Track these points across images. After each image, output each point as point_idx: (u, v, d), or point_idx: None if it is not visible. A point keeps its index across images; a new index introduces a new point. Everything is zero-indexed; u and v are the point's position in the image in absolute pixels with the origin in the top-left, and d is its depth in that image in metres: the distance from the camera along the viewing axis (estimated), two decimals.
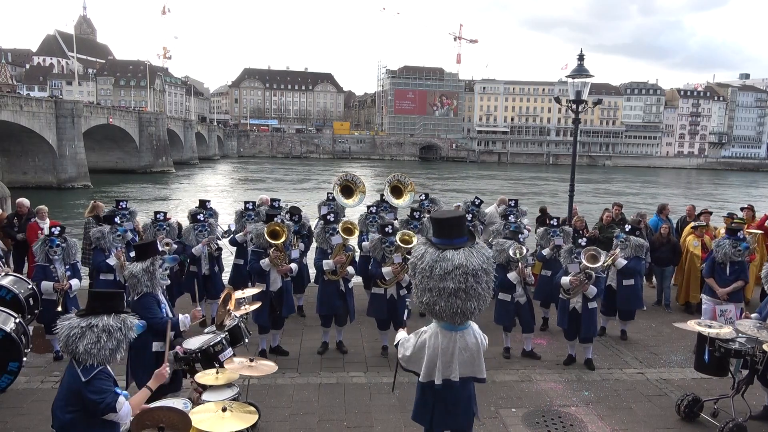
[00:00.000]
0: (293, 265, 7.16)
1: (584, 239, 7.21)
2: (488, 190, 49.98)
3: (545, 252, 8.40)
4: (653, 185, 68.89)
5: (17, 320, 5.38)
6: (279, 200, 9.99)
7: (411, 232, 7.36)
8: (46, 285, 6.65)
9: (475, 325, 3.95)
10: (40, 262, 6.80)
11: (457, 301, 3.63)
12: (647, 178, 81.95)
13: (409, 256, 7.21)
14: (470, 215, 9.41)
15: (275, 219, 7.25)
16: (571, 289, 6.94)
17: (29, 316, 6.48)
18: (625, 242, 7.91)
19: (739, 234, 7.58)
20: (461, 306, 3.65)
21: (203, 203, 9.27)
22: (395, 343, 4.26)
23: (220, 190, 45.47)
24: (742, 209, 10.59)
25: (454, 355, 3.81)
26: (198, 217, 8.36)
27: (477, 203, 9.95)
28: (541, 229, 8.70)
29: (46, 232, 8.47)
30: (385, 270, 7.01)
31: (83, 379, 3.43)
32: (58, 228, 7.03)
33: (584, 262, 6.84)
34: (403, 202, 9.80)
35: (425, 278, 3.69)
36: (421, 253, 3.78)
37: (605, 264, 7.08)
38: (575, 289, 6.91)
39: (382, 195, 10.03)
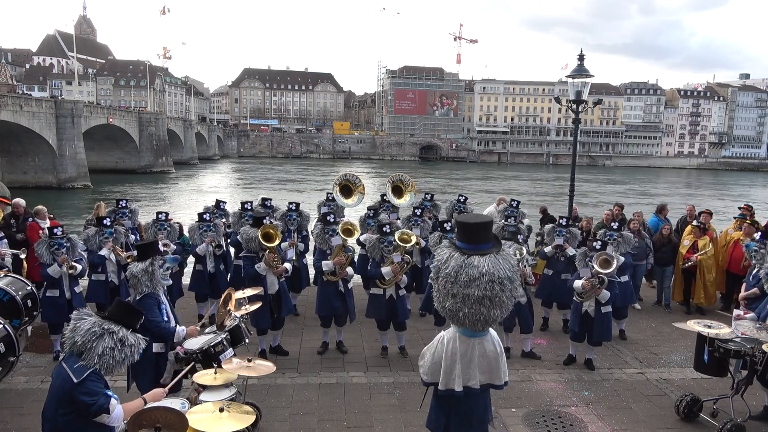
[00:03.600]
0: (287, 265, 7.14)
1: (598, 242, 7.19)
2: (516, 191, 50.18)
3: (547, 249, 8.40)
4: (675, 185, 69.14)
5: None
6: (270, 200, 10.04)
7: (410, 231, 7.35)
8: (54, 269, 6.73)
9: (493, 332, 3.86)
10: (47, 263, 6.80)
11: (481, 308, 3.53)
12: (670, 178, 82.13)
13: (408, 256, 7.25)
14: (456, 213, 9.37)
15: (264, 221, 7.16)
16: (583, 293, 6.93)
17: (27, 318, 6.49)
18: (617, 240, 7.90)
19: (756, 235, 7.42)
20: (485, 314, 3.56)
21: (218, 203, 9.64)
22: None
23: (220, 191, 45.41)
24: (739, 208, 10.61)
25: (473, 361, 3.73)
26: (204, 216, 8.40)
27: (462, 200, 9.94)
28: (548, 226, 8.70)
29: (48, 232, 8.48)
30: (385, 270, 6.99)
31: (75, 380, 3.42)
32: (60, 228, 7.04)
33: (596, 267, 6.82)
34: (404, 202, 9.81)
35: (449, 283, 3.58)
36: (445, 257, 3.65)
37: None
38: (588, 293, 6.89)
39: (383, 195, 10.05)
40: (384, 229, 7.15)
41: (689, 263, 9.44)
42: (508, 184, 60.86)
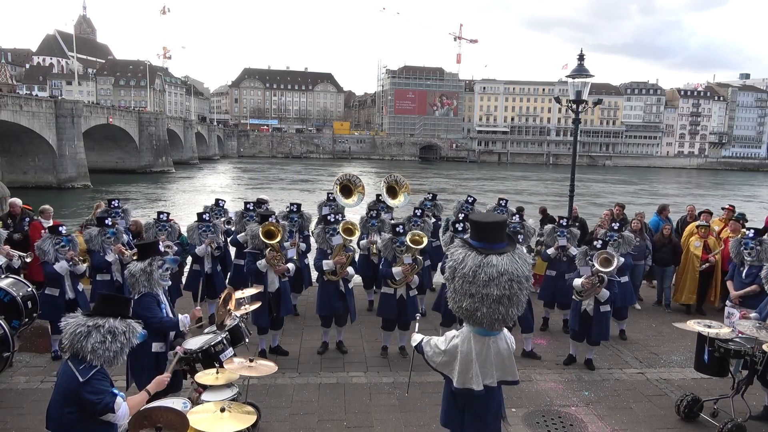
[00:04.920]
0: (290, 265, 7.15)
1: (599, 242, 7.19)
2: (527, 191, 50.08)
3: (550, 251, 8.35)
4: (686, 186, 69.31)
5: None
6: (267, 201, 10.05)
7: (421, 233, 7.34)
8: (61, 265, 6.71)
9: (506, 330, 3.89)
10: (51, 261, 6.77)
11: (500, 308, 3.53)
12: (677, 179, 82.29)
13: (419, 257, 7.24)
14: (463, 214, 9.35)
15: (269, 219, 7.19)
16: (583, 291, 6.91)
17: (27, 319, 6.49)
18: (618, 240, 7.89)
19: (748, 232, 7.40)
20: (503, 313, 3.56)
21: (217, 201, 9.64)
22: (416, 344, 4.11)
23: (229, 191, 45.37)
24: (723, 209, 10.65)
25: (488, 359, 3.76)
26: (204, 216, 8.39)
27: (471, 201, 9.93)
28: (548, 227, 8.63)
29: (50, 231, 8.47)
30: (395, 270, 7.00)
31: (81, 380, 3.43)
32: (65, 227, 7.04)
33: (597, 265, 6.80)
34: (398, 203, 9.84)
35: (467, 283, 3.55)
36: (461, 257, 3.61)
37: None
38: (587, 291, 6.87)
39: (378, 195, 10.06)
40: (397, 229, 7.16)
41: (707, 264, 9.31)
42: (518, 185, 60.87)
